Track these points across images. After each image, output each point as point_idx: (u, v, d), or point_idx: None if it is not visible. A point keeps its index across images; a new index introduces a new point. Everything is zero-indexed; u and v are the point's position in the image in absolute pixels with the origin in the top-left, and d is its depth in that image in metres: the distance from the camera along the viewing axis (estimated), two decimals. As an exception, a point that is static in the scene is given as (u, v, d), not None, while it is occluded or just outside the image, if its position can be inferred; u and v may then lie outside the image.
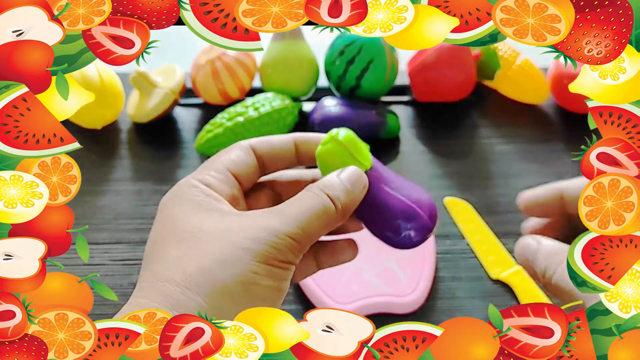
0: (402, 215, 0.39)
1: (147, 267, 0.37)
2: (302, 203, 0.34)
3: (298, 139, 0.39)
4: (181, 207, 0.36)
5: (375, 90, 0.65)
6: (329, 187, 0.35)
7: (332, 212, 0.34)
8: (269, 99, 0.63)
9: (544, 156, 0.64)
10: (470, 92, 0.68)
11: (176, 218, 0.35)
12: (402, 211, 0.39)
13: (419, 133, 0.67)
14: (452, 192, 0.52)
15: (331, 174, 0.36)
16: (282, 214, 0.33)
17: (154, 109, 0.65)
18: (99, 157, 0.64)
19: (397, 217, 0.39)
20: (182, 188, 0.37)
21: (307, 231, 0.33)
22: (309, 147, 0.39)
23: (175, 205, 0.36)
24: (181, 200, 0.36)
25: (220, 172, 0.37)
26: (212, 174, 0.36)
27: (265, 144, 0.39)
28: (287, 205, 0.34)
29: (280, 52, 0.66)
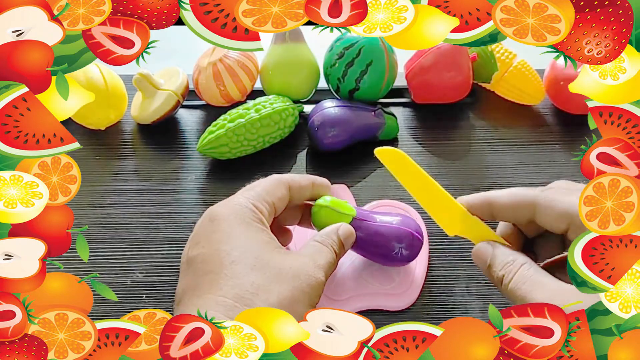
0: (393, 237, 0.49)
1: (214, 281, 0.38)
2: (324, 256, 0.43)
3: (315, 181, 0.49)
4: (253, 235, 0.42)
5: (374, 92, 0.65)
6: (335, 244, 0.45)
7: (336, 260, 0.45)
8: (270, 101, 0.63)
9: (540, 156, 0.64)
10: (467, 93, 0.68)
11: (250, 247, 0.41)
12: (391, 234, 0.49)
13: (417, 134, 0.67)
14: (449, 192, 0.51)
15: (334, 232, 0.46)
16: (317, 265, 0.42)
17: (157, 111, 0.65)
18: (103, 157, 0.65)
19: (390, 239, 0.48)
20: (246, 213, 0.43)
21: (326, 277, 0.42)
22: (321, 189, 0.49)
23: (244, 229, 0.42)
24: (249, 227, 0.42)
25: (270, 205, 0.45)
26: (265, 206, 0.44)
27: (296, 183, 0.47)
28: (316, 255, 0.43)
29: (281, 54, 0.66)
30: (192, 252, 0.41)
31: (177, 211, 0.59)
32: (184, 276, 0.41)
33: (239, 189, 0.61)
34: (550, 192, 0.41)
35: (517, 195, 0.42)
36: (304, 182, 0.48)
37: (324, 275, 0.42)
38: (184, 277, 0.41)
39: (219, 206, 0.44)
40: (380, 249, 0.49)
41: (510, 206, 0.42)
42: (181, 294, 0.40)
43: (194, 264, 0.40)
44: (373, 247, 0.49)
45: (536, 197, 0.41)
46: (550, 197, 0.41)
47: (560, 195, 0.41)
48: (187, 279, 0.40)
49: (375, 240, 0.49)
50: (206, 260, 0.40)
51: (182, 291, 0.40)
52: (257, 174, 0.62)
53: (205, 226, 0.42)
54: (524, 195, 0.42)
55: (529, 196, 0.42)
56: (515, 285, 0.39)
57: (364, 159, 0.64)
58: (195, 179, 0.62)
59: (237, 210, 0.43)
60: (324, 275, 0.42)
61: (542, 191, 0.42)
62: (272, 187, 0.46)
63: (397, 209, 0.58)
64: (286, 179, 0.47)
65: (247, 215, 0.42)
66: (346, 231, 0.47)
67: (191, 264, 0.40)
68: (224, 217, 0.42)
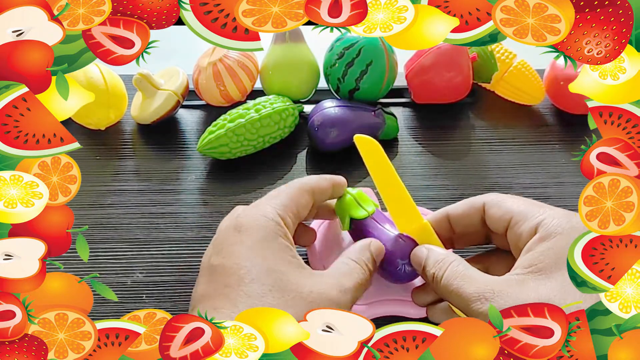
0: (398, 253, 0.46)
1: (231, 296, 0.38)
2: (355, 277, 0.42)
3: (334, 181, 0.49)
4: (276, 253, 0.41)
5: (374, 92, 0.65)
6: (369, 261, 0.44)
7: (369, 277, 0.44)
8: (270, 101, 0.63)
9: (540, 156, 0.64)
10: (467, 93, 0.68)
11: (271, 266, 0.40)
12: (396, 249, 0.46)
13: (417, 134, 0.67)
14: (449, 192, 0.52)
15: (366, 248, 0.45)
16: (342, 289, 0.41)
17: (157, 111, 0.65)
18: (103, 157, 0.65)
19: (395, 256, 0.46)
20: (272, 227, 0.42)
21: (355, 298, 0.42)
22: (340, 189, 0.50)
23: (267, 245, 0.41)
24: (273, 243, 0.41)
25: (295, 215, 0.45)
26: (291, 217, 0.44)
27: (318, 188, 0.47)
28: (345, 277, 0.42)
29: (281, 54, 0.66)
30: (214, 260, 0.41)
31: (178, 211, 0.59)
32: (204, 281, 0.41)
33: (239, 189, 0.61)
34: (499, 195, 0.45)
35: (469, 201, 0.46)
36: (325, 185, 0.48)
37: (351, 298, 0.41)
38: (203, 282, 0.41)
39: (246, 215, 0.43)
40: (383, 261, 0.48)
41: (463, 213, 0.46)
42: (198, 299, 0.40)
43: (214, 273, 0.40)
44: None
45: (485, 198, 0.45)
46: (498, 198, 0.45)
47: (508, 198, 0.45)
48: (206, 287, 0.40)
49: None
50: (226, 272, 0.39)
51: (199, 297, 0.40)
52: (258, 174, 0.63)
53: (229, 235, 0.42)
54: (475, 200, 0.46)
55: (479, 199, 0.46)
56: (447, 281, 0.41)
57: (364, 159, 0.64)
58: (196, 178, 0.62)
59: (263, 224, 0.42)
60: (351, 299, 0.41)
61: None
62: (297, 196, 0.46)
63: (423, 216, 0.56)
64: (310, 185, 0.47)
65: (272, 229, 0.42)
66: (378, 247, 0.46)
67: (212, 273, 0.40)
68: (250, 230, 0.42)
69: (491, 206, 0.45)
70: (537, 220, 0.41)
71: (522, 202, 0.44)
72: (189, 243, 0.56)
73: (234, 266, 0.40)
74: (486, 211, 0.45)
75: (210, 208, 0.60)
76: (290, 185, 0.47)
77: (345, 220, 0.50)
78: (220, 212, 0.59)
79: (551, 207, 0.42)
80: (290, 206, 0.45)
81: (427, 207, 0.57)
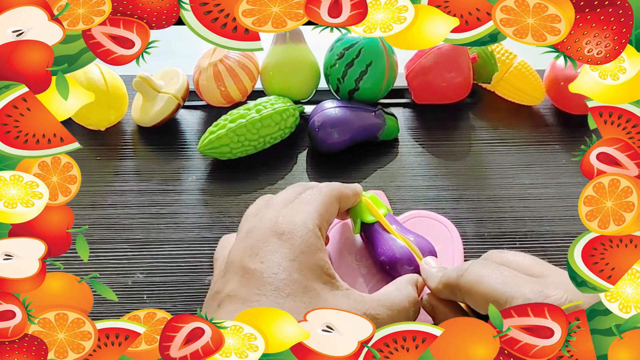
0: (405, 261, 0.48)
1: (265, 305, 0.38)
2: (396, 303, 0.42)
3: (356, 190, 0.50)
4: (314, 271, 0.41)
5: (374, 93, 0.65)
6: (411, 297, 0.43)
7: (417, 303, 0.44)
8: (271, 101, 0.63)
9: (540, 156, 0.64)
10: (468, 94, 0.68)
11: (308, 285, 0.40)
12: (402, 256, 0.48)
13: (417, 135, 0.67)
14: (449, 192, 0.52)
15: (412, 284, 0.45)
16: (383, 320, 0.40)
17: (158, 114, 0.65)
18: (103, 157, 0.65)
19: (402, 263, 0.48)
20: (312, 241, 0.42)
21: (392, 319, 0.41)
22: (359, 198, 0.51)
23: (306, 260, 0.41)
24: (311, 258, 0.41)
25: (328, 224, 0.45)
26: (326, 227, 0.45)
27: (344, 196, 0.48)
28: (385, 311, 0.41)
29: (282, 55, 0.66)
30: (248, 262, 0.40)
31: (178, 211, 0.59)
32: (235, 280, 0.40)
33: (239, 189, 0.61)
34: (478, 270, 0.41)
35: (445, 277, 0.43)
36: (348, 193, 0.49)
37: (391, 318, 0.41)
38: (234, 279, 0.40)
39: (288, 222, 0.42)
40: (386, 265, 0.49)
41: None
42: (225, 295, 0.39)
43: (249, 275, 0.39)
44: (380, 263, 0.49)
45: (461, 279, 0.41)
46: (472, 281, 0.40)
47: (486, 273, 0.40)
48: (237, 287, 0.39)
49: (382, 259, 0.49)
50: (263, 280, 0.39)
51: (228, 292, 0.39)
52: (258, 175, 0.63)
53: (269, 239, 0.41)
54: (449, 277, 0.43)
55: (454, 277, 0.42)
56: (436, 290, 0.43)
57: (364, 159, 0.64)
58: (196, 179, 0.62)
59: (304, 235, 0.42)
60: (391, 318, 0.41)
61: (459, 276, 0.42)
62: (329, 204, 0.46)
63: (432, 220, 0.55)
64: (337, 192, 0.47)
65: (313, 243, 0.42)
66: (422, 283, 0.46)
67: (245, 274, 0.40)
68: (291, 240, 0.41)
69: (466, 294, 0.41)
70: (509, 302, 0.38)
71: (500, 279, 0.39)
72: (190, 243, 0.56)
73: (272, 276, 0.39)
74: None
75: (211, 208, 0.60)
76: (323, 192, 0.46)
77: (357, 223, 0.51)
78: (220, 212, 0.59)
79: (530, 279, 0.39)
80: (325, 215, 0.45)
81: (427, 208, 0.57)
